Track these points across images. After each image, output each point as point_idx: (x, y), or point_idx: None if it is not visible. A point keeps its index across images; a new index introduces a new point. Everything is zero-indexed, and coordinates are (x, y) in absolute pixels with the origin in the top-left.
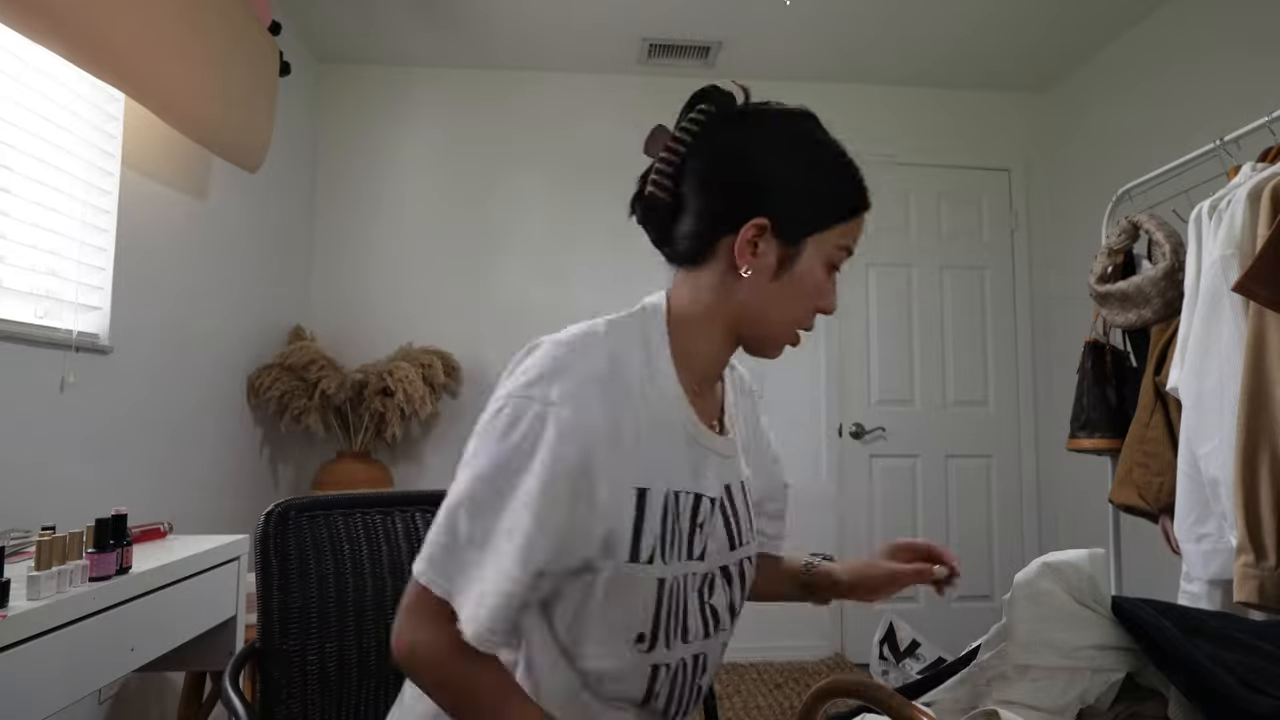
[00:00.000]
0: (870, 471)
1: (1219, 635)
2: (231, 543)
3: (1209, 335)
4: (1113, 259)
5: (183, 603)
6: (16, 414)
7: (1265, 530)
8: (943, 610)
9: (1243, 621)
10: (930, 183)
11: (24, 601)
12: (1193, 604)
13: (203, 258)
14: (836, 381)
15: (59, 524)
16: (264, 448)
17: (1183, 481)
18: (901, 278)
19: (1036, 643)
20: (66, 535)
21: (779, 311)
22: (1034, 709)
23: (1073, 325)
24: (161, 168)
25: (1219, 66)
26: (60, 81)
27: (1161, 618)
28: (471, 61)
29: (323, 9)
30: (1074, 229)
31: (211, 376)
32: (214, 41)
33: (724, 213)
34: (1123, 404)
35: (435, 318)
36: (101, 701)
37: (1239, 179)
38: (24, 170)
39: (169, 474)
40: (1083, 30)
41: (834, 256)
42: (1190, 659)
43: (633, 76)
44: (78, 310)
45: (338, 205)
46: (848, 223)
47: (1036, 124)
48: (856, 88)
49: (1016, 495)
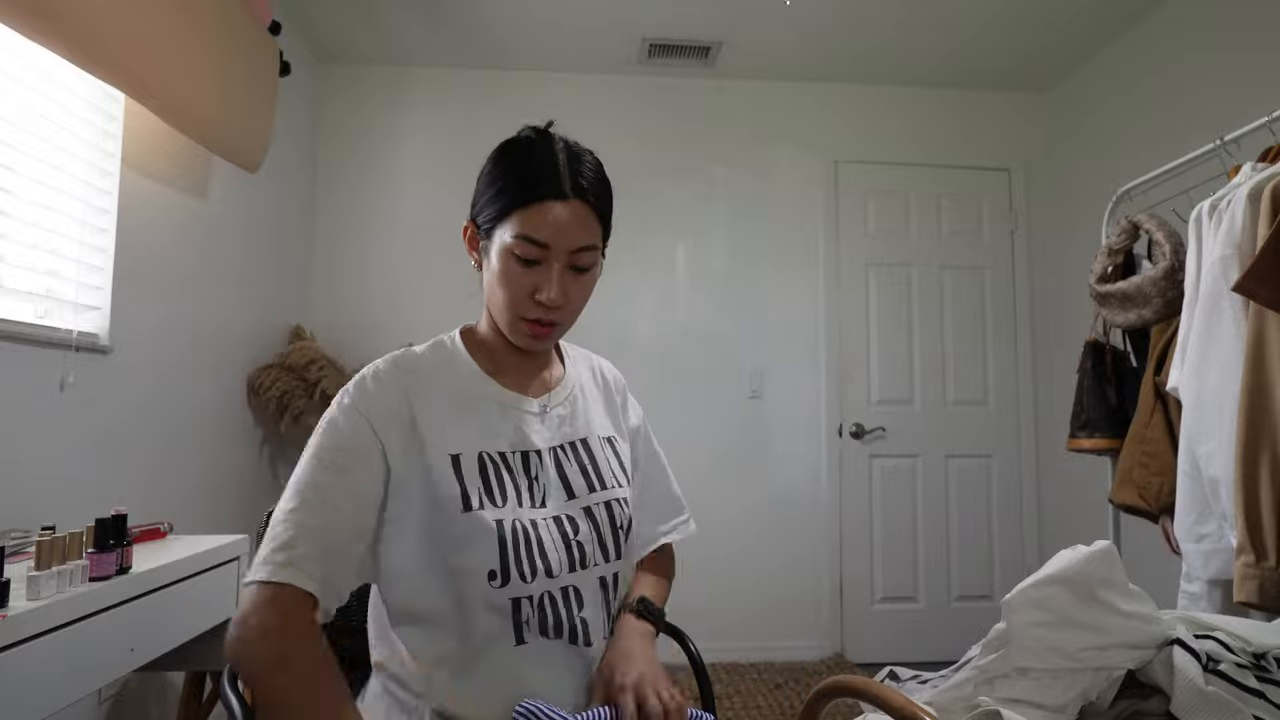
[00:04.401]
0: (870, 471)
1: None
2: (231, 543)
3: (1209, 335)
4: (1113, 259)
5: (183, 603)
6: (16, 414)
7: (1265, 530)
8: (943, 610)
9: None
10: (930, 183)
11: (24, 601)
12: (1193, 604)
13: (203, 258)
14: (836, 381)
15: (59, 524)
16: (264, 448)
17: (1183, 481)
18: (901, 278)
19: (1039, 647)
20: (66, 535)
21: (494, 298)
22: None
23: (1073, 325)
24: (161, 168)
25: (1219, 66)
26: (60, 81)
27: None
28: (471, 61)
29: (323, 9)
30: (1074, 229)
31: (211, 376)
32: (214, 41)
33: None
34: (1123, 404)
35: (435, 318)
36: (101, 701)
37: (1239, 179)
38: (24, 170)
39: (169, 474)
40: (1083, 30)
41: (516, 246)
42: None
43: (633, 76)
44: (78, 310)
45: (338, 205)
46: (511, 216)
47: (1036, 124)
48: (856, 88)
49: (1016, 495)
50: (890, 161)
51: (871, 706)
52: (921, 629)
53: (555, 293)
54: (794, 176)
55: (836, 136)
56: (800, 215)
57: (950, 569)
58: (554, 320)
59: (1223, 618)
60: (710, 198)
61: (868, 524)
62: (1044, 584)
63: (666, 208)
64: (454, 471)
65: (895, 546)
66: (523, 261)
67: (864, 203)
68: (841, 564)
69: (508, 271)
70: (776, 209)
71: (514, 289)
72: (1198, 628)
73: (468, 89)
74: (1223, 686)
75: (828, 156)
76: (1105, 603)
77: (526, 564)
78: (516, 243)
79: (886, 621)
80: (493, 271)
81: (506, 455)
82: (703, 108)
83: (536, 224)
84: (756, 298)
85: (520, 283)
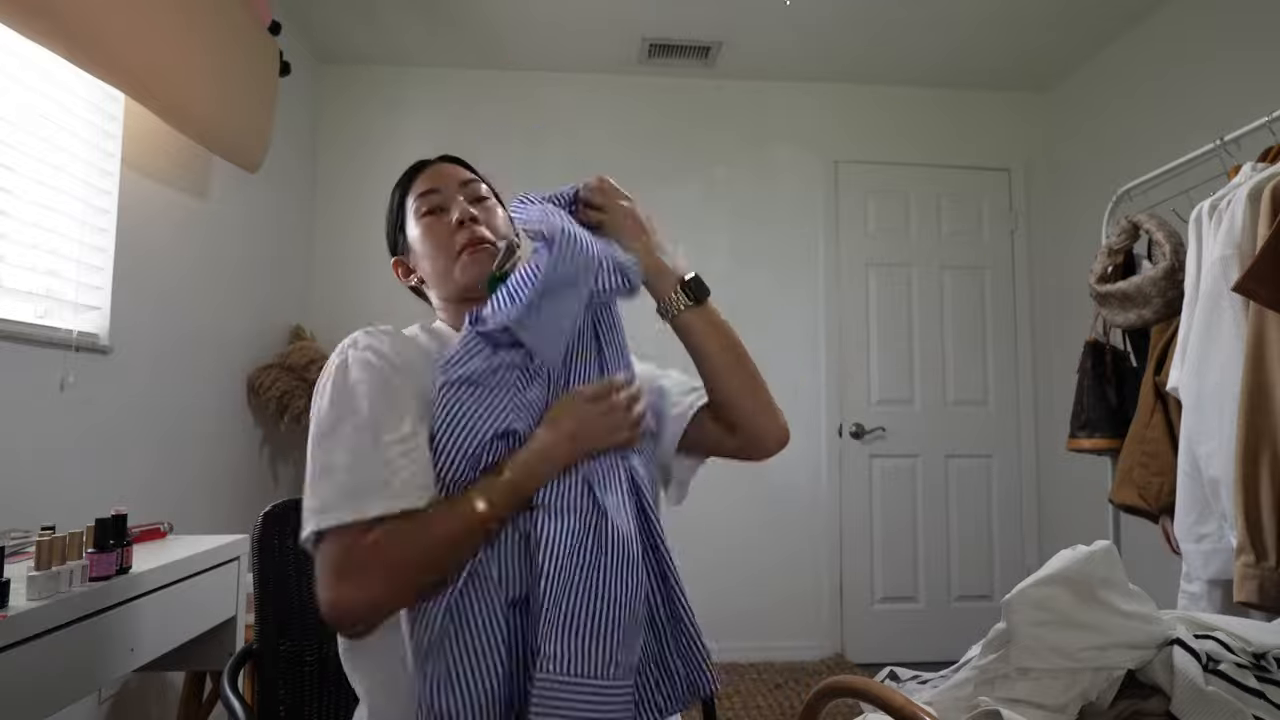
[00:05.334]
0: (870, 471)
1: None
2: (231, 543)
3: (1209, 335)
4: (1113, 259)
5: (183, 603)
6: (16, 414)
7: (1265, 530)
8: (943, 610)
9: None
10: (930, 183)
11: (24, 601)
12: (1193, 604)
13: (203, 258)
14: (836, 381)
15: (59, 524)
16: (264, 448)
17: (1183, 481)
18: (901, 278)
19: (1039, 647)
20: (66, 535)
21: (430, 263)
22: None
23: (1073, 325)
24: (161, 168)
25: (1219, 66)
26: (60, 81)
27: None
28: (471, 61)
29: (323, 9)
30: (1074, 229)
31: (211, 376)
32: (214, 41)
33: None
34: (1123, 404)
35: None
36: (101, 702)
37: (1239, 179)
38: (24, 170)
39: (169, 474)
40: (1083, 30)
41: (419, 206)
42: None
43: (633, 76)
44: (78, 310)
45: (338, 205)
46: (407, 200)
47: (1036, 124)
48: (856, 88)
49: (1016, 495)
50: (890, 161)
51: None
52: (921, 629)
53: (462, 210)
54: (794, 176)
55: (836, 136)
56: (800, 215)
57: (950, 569)
58: (481, 235)
59: (1223, 618)
60: (710, 198)
61: (868, 524)
62: (1044, 584)
63: (666, 208)
64: None
65: (895, 546)
66: (430, 214)
67: (864, 203)
68: (841, 564)
69: (426, 230)
70: (776, 209)
71: (436, 235)
72: (1198, 628)
73: (468, 89)
74: (1223, 686)
75: (827, 156)
76: (1105, 603)
77: None
78: (418, 203)
79: (886, 621)
80: (419, 246)
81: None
82: (702, 108)
83: (423, 182)
84: (757, 298)
85: (438, 228)
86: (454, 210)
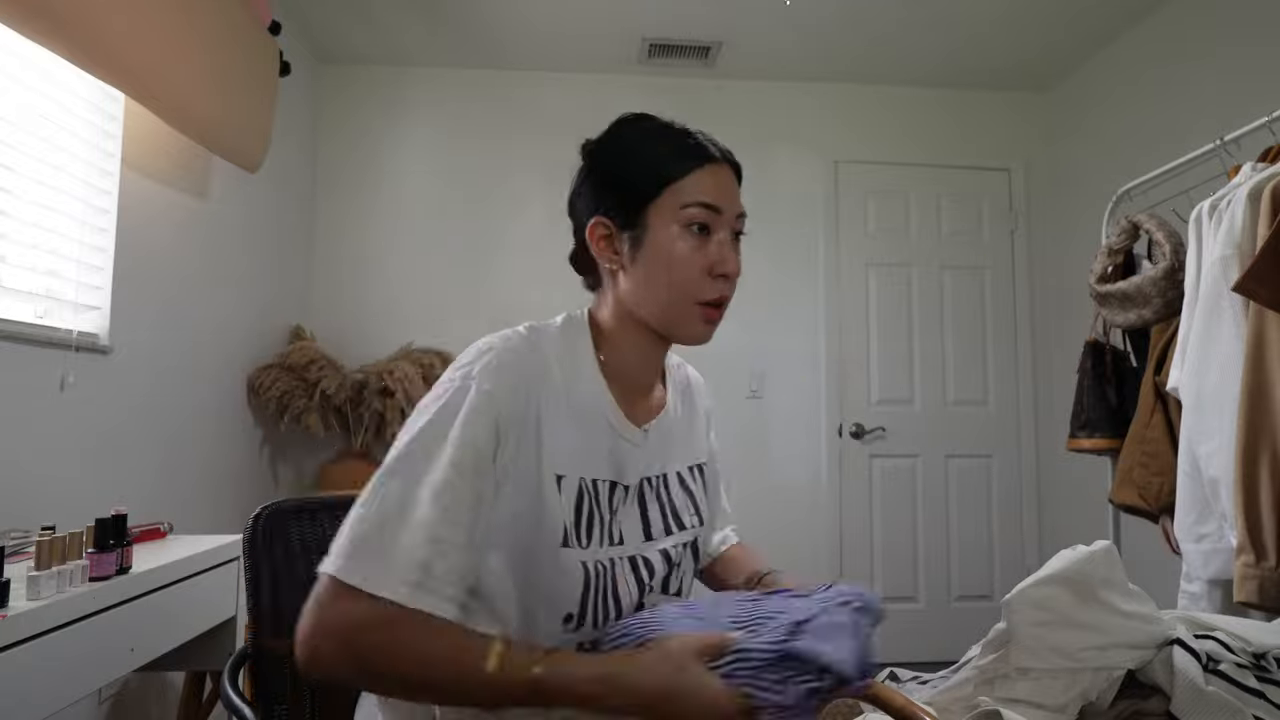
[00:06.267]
0: (870, 471)
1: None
2: (231, 543)
3: (1209, 335)
4: (1113, 259)
5: (183, 603)
6: (16, 414)
7: (1265, 530)
8: (943, 610)
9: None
10: (930, 183)
11: (24, 601)
12: (1193, 604)
13: (203, 258)
14: (836, 381)
15: (59, 524)
16: (264, 448)
17: (1183, 481)
18: (901, 278)
19: (1039, 647)
20: (66, 535)
21: (657, 289)
22: (1036, 707)
23: (1073, 325)
24: (161, 168)
25: (1219, 66)
26: (60, 81)
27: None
28: (471, 62)
29: (323, 9)
30: (1074, 229)
31: (211, 376)
32: (214, 41)
33: (578, 230)
34: (1123, 404)
35: (435, 318)
36: (101, 701)
37: (1239, 179)
38: (24, 170)
39: (169, 474)
40: (1083, 30)
41: (686, 216)
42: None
43: (632, 76)
44: (78, 310)
45: (338, 205)
46: (679, 181)
47: (1036, 124)
48: (856, 88)
49: (1016, 495)
50: (890, 161)
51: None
52: (921, 629)
53: (731, 261)
54: (794, 176)
55: (836, 136)
56: (800, 215)
57: (950, 569)
58: (727, 299)
59: (1223, 618)
60: None
61: (868, 524)
62: (1044, 584)
63: None
64: (559, 495)
65: (895, 546)
66: (694, 235)
67: (864, 203)
68: (841, 564)
69: (678, 251)
70: (776, 209)
71: (688, 268)
72: (1198, 628)
73: (467, 89)
74: (1223, 686)
75: (828, 156)
76: (1105, 603)
77: (602, 608)
78: (688, 212)
79: (886, 621)
80: (657, 258)
81: (599, 484)
82: (703, 108)
83: (704, 188)
84: (757, 298)
85: (693, 260)
86: (726, 257)
